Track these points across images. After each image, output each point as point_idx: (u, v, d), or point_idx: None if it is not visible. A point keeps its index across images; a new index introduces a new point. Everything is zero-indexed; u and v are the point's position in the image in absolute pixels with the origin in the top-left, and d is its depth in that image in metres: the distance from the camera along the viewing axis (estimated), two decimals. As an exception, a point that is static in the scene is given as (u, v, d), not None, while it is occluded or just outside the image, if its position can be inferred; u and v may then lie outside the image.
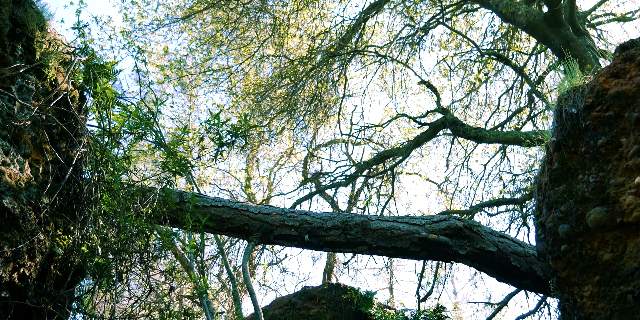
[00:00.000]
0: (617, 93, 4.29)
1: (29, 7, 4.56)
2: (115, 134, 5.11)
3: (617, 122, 4.28)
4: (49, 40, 4.72)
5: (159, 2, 14.40)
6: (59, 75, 4.66)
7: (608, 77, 4.45)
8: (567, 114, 4.70)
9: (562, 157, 4.80)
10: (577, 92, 4.67)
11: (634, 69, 4.27)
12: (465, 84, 14.20)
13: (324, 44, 13.81)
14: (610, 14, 12.15)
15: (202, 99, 15.85)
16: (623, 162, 4.19)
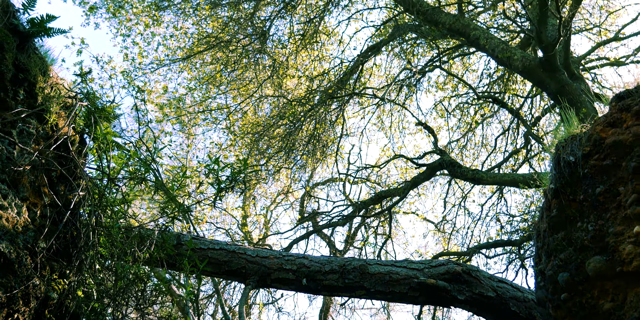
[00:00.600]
0: (614, 142, 4.33)
1: (32, 53, 4.62)
2: (114, 178, 5.11)
3: (615, 171, 4.31)
4: (51, 85, 4.77)
5: (160, 42, 14.57)
6: (59, 120, 4.69)
7: (605, 126, 4.50)
8: (564, 162, 4.73)
9: (560, 205, 4.81)
10: (574, 140, 4.72)
11: (631, 118, 4.32)
12: (462, 124, 14.32)
13: (322, 84, 13.96)
14: (604, 58, 12.36)
15: (200, 138, 15.87)
16: (622, 211, 4.20)
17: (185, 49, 14.47)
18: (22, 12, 4.77)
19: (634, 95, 4.47)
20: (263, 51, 13.71)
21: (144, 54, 14.34)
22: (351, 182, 15.03)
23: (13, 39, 4.32)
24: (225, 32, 13.81)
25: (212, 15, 14.09)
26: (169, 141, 15.44)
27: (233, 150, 15.11)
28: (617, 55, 12.00)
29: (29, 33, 4.61)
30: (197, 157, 17.87)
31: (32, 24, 4.69)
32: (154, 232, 5.33)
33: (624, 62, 11.89)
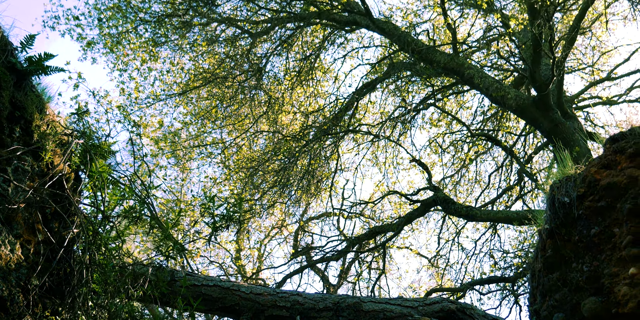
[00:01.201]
0: (609, 184, 4.37)
1: (29, 90, 4.66)
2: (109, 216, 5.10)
3: (609, 212, 4.34)
4: (47, 122, 4.79)
5: (156, 77, 14.68)
6: (55, 157, 4.70)
7: (599, 167, 4.54)
8: (559, 203, 4.76)
9: (555, 245, 4.82)
10: (569, 181, 4.76)
11: (625, 161, 4.37)
12: (456, 160, 14.39)
13: (317, 120, 14.05)
14: (597, 97, 12.52)
15: (195, 171, 15.87)
16: (617, 253, 4.21)
17: (182, 84, 14.57)
18: (20, 50, 4.82)
19: (628, 138, 4.53)
20: (259, 87, 13.83)
21: (140, 89, 14.42)
22: (345, 217, 14.99)
23: (10, 77, 4.37)
24: (222, 68, 13.95)
25: (209, 52, 14.24)
26: (164, 175, 15.40)
27: (228, 184, 15.08)
28: (609, 94, 12.18)
29: (27, 71, 4.65)
30: (191, 191, 17.81)
31: (30, 62, 4.74)
32: (148, 270, 5.29)
33: (616, 101, 12.04)
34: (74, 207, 4.80)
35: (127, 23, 13.49)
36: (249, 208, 14.52)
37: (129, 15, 13.38)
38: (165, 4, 13.44)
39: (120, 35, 13.67)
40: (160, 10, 13.54)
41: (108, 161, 5.31)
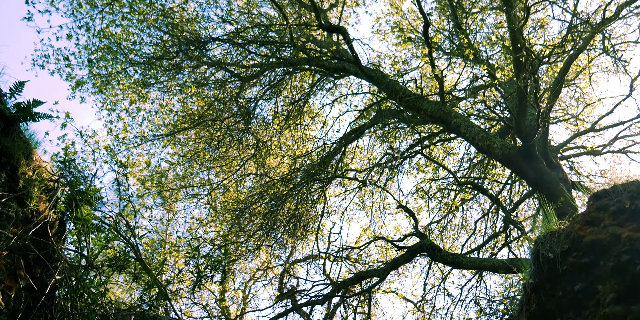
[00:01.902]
0: (592, 241, 4.42)
1: (17, 137, 4.67)
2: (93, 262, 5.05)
3: (593, 269, 4.37)
4: (33, 168, 4.79)
5: (145, 118, 14.71)
6: (40, 204, 4.68)
7: (583, 224, 4.59)
8: (544, 258, 4.79)
9: (539, 300, 4.83)
10: (553, 237, 4.80)
11: (608, 218, 4.43)
12: (443, 206, 14.43)
13: (305, 163, 14.10)
14: (582, 147, 12.69)
15: (181, 212, 15.75)
16: (600, 310, 4.22)
17: (170, 125, 14.61)
18: (9, 96, 4.85)
19: (611, 195, 4.61)
20: (247, 130, 13.90)
21: (128, 129, 14.43)
22: (331, 260, 14.90)
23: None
24: (211, 110, 14.04)
25: (198, 94, 14.35)
26: (149, 216, 15.29)
27: (214, 226, 14.98)
28: (593, 145, 12.36)
29: (15, 117, 4.68)
30: (177, 232, 17.66)
31: (18, 109, 4.77)
32: (131, 318, 5.22)
33: (600, 152, 12.21)
34: (57, 253, 4.76)
35: (117, 64, 13.58)
36: (234, 250, 14.42)
37: (119, 56, 13.49)
38: (156, 46, 13.58)
39: (109, 76, 13.74)
40: (150, 52, 13.68)
41: (94, 205, 5.29)
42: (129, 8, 13.06)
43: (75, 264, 4.97)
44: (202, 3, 13.22)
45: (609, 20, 9.35)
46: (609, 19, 9.34)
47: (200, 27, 13.56)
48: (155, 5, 13.10)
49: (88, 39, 13.37)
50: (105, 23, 13.32)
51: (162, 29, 13.35)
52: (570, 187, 10.30)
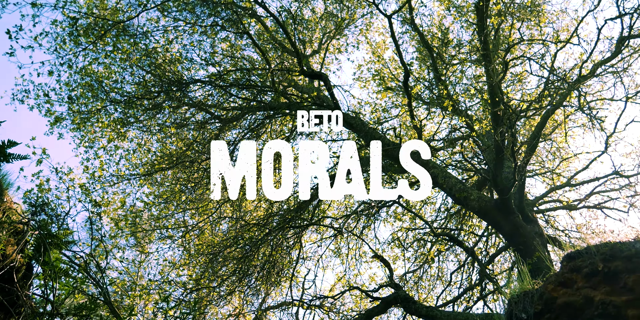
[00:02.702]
0: (565, 303, 4.33)
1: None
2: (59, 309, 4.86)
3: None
4: (3, 210, 4.65)
5: (122, 156, 14.56)
6: (8, 247, 4.52)
7: (556, 285, 4.51)
8: (517, 318, 4.68)
9: (513, 361, 4.69)
10: (526, 297, 4.71)
11: (581, 280, 4.36)
12: (419, 255, 14.30)
13: (282, 207, 13.96)
14: (558, 201, 12.74)
15: (154, 254, 15.41)
16: (573, 373, 4.10)
17: (147, 165, 14.46)
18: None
19: (584, 257, 4.55)
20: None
21: (104, 167, 14.25)
22: (305, 308, 14.60)
23: (-31, 164, 4.26)
24: (190, 151, 13.93)
25: (177, 134, 14.27)
26: (121, 257, 14.97)
27: (187, 269, 14.66)
28: (569, 199, 12.41)
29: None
30: (149, 274, 17.27)
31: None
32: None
33: (575, 206, 12.26)
34: (21, 299, 4.58)
35: (97, 101, 13.51)
36: (206, 294, 14.09)
37: (100, 94, 13.43)
38: (137, 86, 13.55)
39: (89, 113, 13.64)
40: (131, 90, 13.64)
41: (65, 248, 5.12)
42: (112, 46, 13.08)
43: (40, 310, 4.78)
44: (186, 44, 13.30)
45: (585, 78, 9.51)
46: (585, 77, 9.50)
47: (183, 68, 13.60)
48: (139, 45, 13.14)
49: (69, 76, 13.33)
50: (87, 60, 13.32)
51: (144, 68, 13.36)
52: (546, 241, 10.28)
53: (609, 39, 10.79)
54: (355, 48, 16.07)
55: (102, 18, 12.47)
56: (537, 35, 11.71)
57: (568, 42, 9.99)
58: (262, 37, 14.21)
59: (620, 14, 9.73)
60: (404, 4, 9.73)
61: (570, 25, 11.94)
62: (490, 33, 10.26)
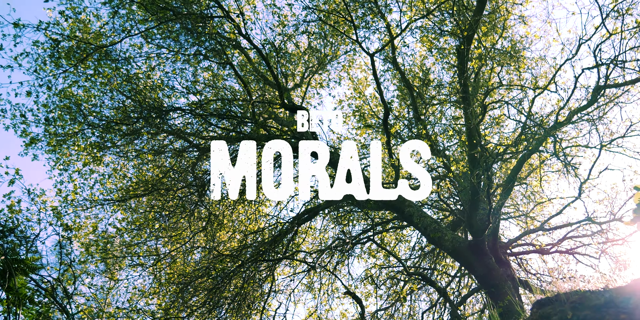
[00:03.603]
0: (533, 352, 4.25)
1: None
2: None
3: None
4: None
5: (97, 180, 14.38)
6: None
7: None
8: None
9: None
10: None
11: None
12: (391, 293, 14.17)
13: (256, 239, 13.80)
14: (531, 245, 12.73)
15: (124, 281, 15.08)
16: None
17: (122, 191, 14.27)
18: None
19: (554, 304, 4.50)
20: (200, 203, 13.64)
21: (78, 191, 14.04)
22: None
23: None
24: (166, 179, 13.78)
25: (154, 161, 14.13)
26: (90, 282, 14.68)
27: (156, 298, 14.36)
28: (542, 243, 12.41)
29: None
30: (117, 302, 16.90)
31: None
32: None
33: (548, 251, 12.26)
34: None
35: (75, 124, 13.36)
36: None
37: (78, 117, 13.30)
38: (116, 110, 13.44)
39: (65, 136, 13.48)
40: (110, 115, 13.52)
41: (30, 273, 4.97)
42: (93, 70, 12.99)
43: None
44: (168, 72, 13.26)
45: (561, 125, 9.61)
46: (561, 124, 9.60)
47: (163, 95, 13.53)
48: (120, 70, 13.08)
49: (48, 97, 13.20)
50: (67, 83, 13.21)
51: (124, 93, 13.27)
52: (518, 284, 10.23)
53: (585, 87, 11.00)
54: (337, 83, 16.18)
55: (85, 42, 12.41)
56: (516, 80, 11.87)
57: (546, 88, 10.11)
58: (244, 68, 14.24)
59: (597, 64, 9.94)
60: (386, 44, 9.81)
61: (548, 72, 12.14)
62: (470, 76, 10.37)
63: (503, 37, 11.65)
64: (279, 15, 13.40)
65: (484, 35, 11.00)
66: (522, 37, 12.19)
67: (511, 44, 11.86)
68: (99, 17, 13.13)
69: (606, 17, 9.70)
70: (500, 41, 11.54)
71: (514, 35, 12.34)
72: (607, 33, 9.87)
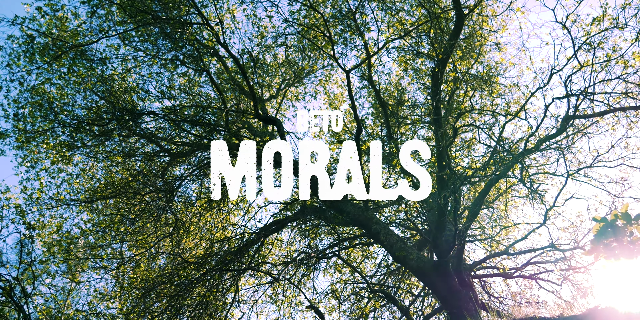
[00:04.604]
0: None
1: None
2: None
3: None
4: None
5: (64, 179, 14.16)
6: None
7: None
8: None
9: None
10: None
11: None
12: (355, 309, 14.11)
13: (222, 249, 13.67)
14: (495, 268, 12.79)
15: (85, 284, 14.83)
16: None
17: (89, 191, 14.05)
18: None
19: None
20: (168, 208, 13.48)
21: (44, 189, 13.81)
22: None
23: None
24: (134, 182, 13.60)
25: (124, 164, 13.95)
26: (50, 283, 14.42)
27: (117, 302, 14.15)
28: (506, 267, 12.47)
29: None
30: (77, 304, 16.62)
31: None
32: None
33: (511, 275, 12.32)
34: None
35: (45, 122, 13.14)
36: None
37: (49, 114, 13.09)
38: (89, 110, 13.25)
39: (35, 133, 13.25)
40: (82, 115, 13.32)
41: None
42: (67, 69, 12.81)
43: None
44: (143, 75, 13.11)
45: (529, 152, 9.69)
46: (529, 151, 9.68)
47: (138, 98, 13.37)
48: (95, 70, 12.91)
49: (20, 93, 12.99)
50: (40, 80, 13.00)
51: (98, 94, 13.10)
52: (480, 307, 10.23)
53: (555, 116, 11.12)
54: (313, 97, 16.14)
55: (61, 39, 12.23)
56: (489, 105, 11.98)
57: (517, 115, 10.18)
58: (221, 77, 14.13)
59: (568, 94, 10.05)
60: (363, 61, 9.81)
61: (521, 99, 12.24)
62: (444, 98, 10.42)
63: (479, 62, 11.75)
64: (259, 26, 13.36)
65: (460, 58, 11.06)
66: (497, 63, 12.31)
67: (486, 69, 11.97)
68: (77, 15, 12.94)
69: (578, 49, 9.84)
70: (475, 66, 11.63)
71: (489, 61, 12.48)
72: (579, 65, 10.01)
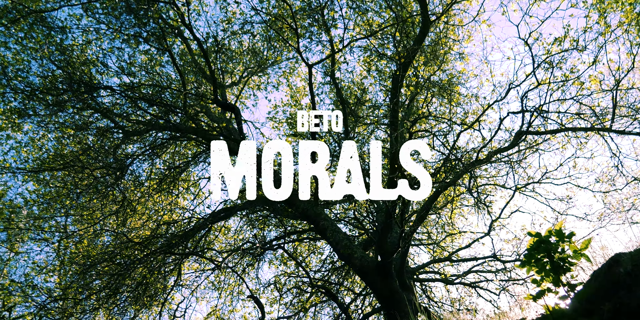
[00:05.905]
0: None
1: None
2: None
3: None
4: None
5: (12, 147, 13.76)
6: None
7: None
8: None
9: None
10: None
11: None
12: (296, 303, 14.09)
13: (169, 232, 13.47)
14: (437, 273, 12.91)
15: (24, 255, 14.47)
16: None
17: (37, 161, 13.67)
18: None
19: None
20: (116, 185, 13.19)
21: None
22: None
23: None
24: (84, 156, 13.26)
25: (76, 136, 13.59)
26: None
27: (56, 275, 13.83)
28: (448, 273, 12.59)
29: None
30: (13, 274, 16.23)
31: None
32: None
33: (453, 281, 12.44)
34: None
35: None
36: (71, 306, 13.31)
37: (2, 78, 12.65)
38: (44, 79, 12.83)
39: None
40: (37, 83, 12.90)
41: None
42: (25, 34, 12.37)
43: None
44: (104, 49, 12.73)
45: (480, 162, 9.76)
46: (480, 161, 9.74)
47: (96, 71, 13.00)
48: (54, 38, 12.49)
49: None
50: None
51: (55, 62, 12.69)
52: (418, 310, 10.28)
53: (509, 130, 11.24)
54: (275, 88, 15.97)
55: (21, 3, 11.78)
56: (447, 113, 12.01)
57: (472, 126, 10.22)
58: (183, 58, 13.83)
59: (523, 109, 10.15)
60: (327, 57, 9.67)
61: (478, 110, 12.31)
62: (403, 103, 10.37)
63: (441, 70, 11.77)
64: (227, 11, 13.07)
65: (424, 64, 11.05)
66: (459, 72, 12.34)
67: (448, 77, 12.01)
68: (40, -20, 12.49)
69: (537, 67, 9.93)
70: (438, 73, 11.64)
71: (451, 70, 12.52)
72: (537, 82, 10.12)
